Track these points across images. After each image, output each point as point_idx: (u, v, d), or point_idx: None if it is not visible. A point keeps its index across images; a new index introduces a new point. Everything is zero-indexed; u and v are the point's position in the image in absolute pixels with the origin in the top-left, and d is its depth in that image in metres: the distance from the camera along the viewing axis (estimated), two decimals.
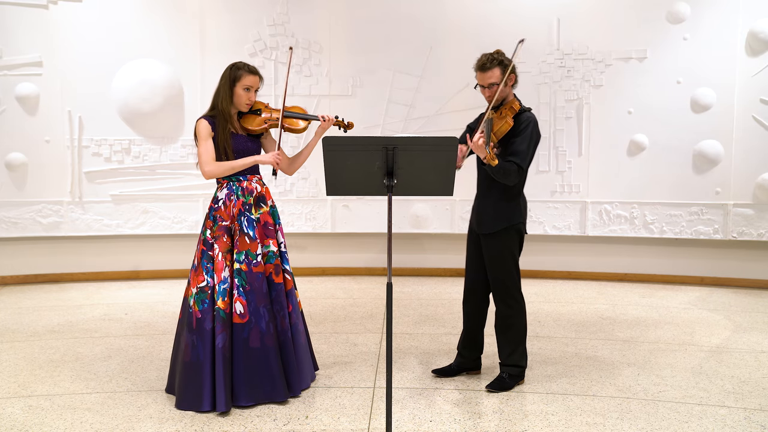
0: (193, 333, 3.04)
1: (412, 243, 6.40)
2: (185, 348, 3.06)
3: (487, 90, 3.19)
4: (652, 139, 5.93)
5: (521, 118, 3.19)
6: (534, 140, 3.21)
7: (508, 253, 3.27)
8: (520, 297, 3.33)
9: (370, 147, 2.51)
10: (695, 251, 6.04)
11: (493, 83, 3.16)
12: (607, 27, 5.95)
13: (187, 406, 3.02)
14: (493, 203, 3.26)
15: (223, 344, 3.00)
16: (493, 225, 3.26)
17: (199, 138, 3.11)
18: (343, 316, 4.83)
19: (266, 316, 3.08)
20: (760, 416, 2.99)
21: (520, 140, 3.15)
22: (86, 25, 5.90)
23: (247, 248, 3.10)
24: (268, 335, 3.07)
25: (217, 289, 3.04)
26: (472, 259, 3.44)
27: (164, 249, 6.18)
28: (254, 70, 3.17)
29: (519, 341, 3.33)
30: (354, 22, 6.17)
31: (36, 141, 5.87)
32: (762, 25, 5.62)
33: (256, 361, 3.04)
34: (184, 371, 3.05)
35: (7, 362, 3.73)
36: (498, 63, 3.15)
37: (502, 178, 3.13)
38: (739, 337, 4.28)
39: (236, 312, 3.04)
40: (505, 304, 3.31)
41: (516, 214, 3.26)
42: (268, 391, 3.06)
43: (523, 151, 3.14)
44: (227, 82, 3.14)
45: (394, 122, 6.19)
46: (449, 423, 2.91)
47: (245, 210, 3.14)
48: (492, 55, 3.18)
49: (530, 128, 3.18)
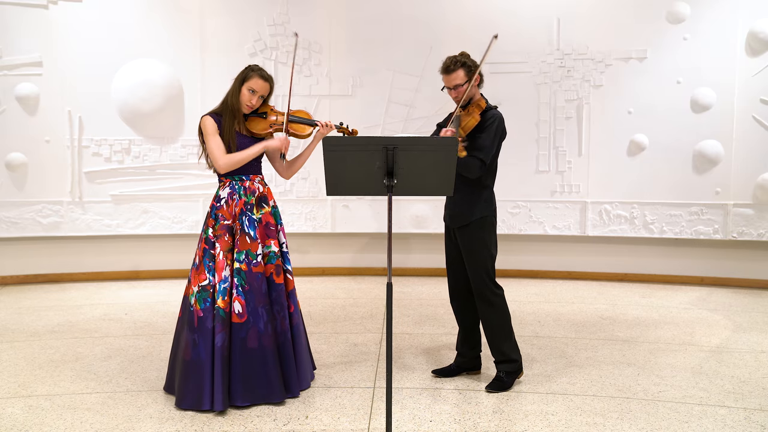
0: (195, 332, 3.04)
1: (412, 243, 6.40)
2: (186, 347, 3.06)
3: (453, 91, 3.29)
4: (652, 139, 5.93)
5: (487, 115, 3.28)
6: (498, 136, 3.29)
7: (483, 244, 3.32)
8: (499, 289, 3.36)
9: (370, 147, 2.51)
10: (695, 251, 6.04)
11: (457, 84, 3.25)
12: (607, 27, 5.95)
13: (188, 405, 3.02)
14: (467, 196, 3.33)
15: (222, 343, 3.00)
16: (467, 216, 3.32)
17: (207, 134, 3.12)
18: (343, 316, 4.83)
19: (265, 317, 3.08)
20: (760, 416, 2.99)
21: (485, 136, 3.24)
22: (86, 24, 5.90)
23: (248, 248, 3.10)
24: (266, 336, 3.07)
25: (218, 288, 3.05)
26: (451, 256, 3.50)
27: (164, 249, 6.18)
28: (266, 76, 3.18)
29: (506, 335, 3.35)
30: (354, 22, 6.17)
31: (36, 141, 5.87)
32: (762, 25, 5.62)
33: (254, 361, 3.04)
34: (184, 370, 3.05)
35: (7, 362, 3.73)
36: (462, 65, 3.24)
37: (463, 171, 3.21)
38: (739, 337, 4.28)
39: (234, 311, 3.04)
40: (484, 300, 3.34)
41: (488, 206, 3.34)
42: (265, 392, 3.06)
43: (487, 147, 3.23)
44: (239, 80, 3.18)
45: (394, 122, 6.19)
46: (449, 423, 2.91)
47: (246, 210, 3.15)
48: (456, 57, 3.28)
49: (495, 124, 3.26)
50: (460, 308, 3.52)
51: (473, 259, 3.32)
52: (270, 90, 3.22)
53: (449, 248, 3.50)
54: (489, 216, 3.34)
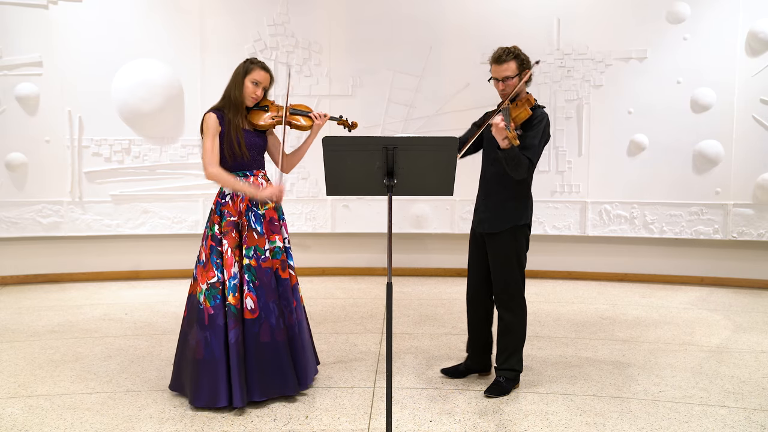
0: (206, 329, 3.02)
1: (412, 243, 6.40)
2: (197, 345, 3.04)
3: (501, 83, 3.15)
4: (652, 139, 5.93)
5: (536, 113, 3.15)
6: (545, 137, 3.17)
7: (514, 254, 3.21)
8: (523, 302, 3.28)
9: (370, 147, 2.51)
10: (695, 251, 6.04)
11: (507, 76, 3.12)
12: (607, 27, 5.95)
13: (203, 403, 3.01)
14: (502, 201, 3.20)
15: (236, 339, 3.00)
16: (500, 224, 3.20)
17: (206, 133, 3.11)
18: (343, 316, 4.83)
19: (275, 311, 3.09)
20: (760, 416, 2.99)
21: (533, 135, 3.10)
22: (86, 24, 5.90)
23: (256, 243, 3.11)
24: (278, 330, 3.08)
25: (228, 285, 3.05)
26: (475, 262, 3.38)
27: (164, 249, 6.18)
28: (266, 68, 3.20)
29: (517, 346, 3.29)
30: (354, 22, 6.17)
31: (36, 141, 5.87)
32: (762, 25, 5.62)
33: (268, 355, 3.05)
34: (197, 369, 3.03)
35: (7, 362, 3.73)
36: (514, 56, 3.12)
37: (513, 167, 3.05)
38: (739, 337, 4.28)
39: (247, 307, 3.04)
40: (507, 309, 3.26)
41: (524, 214, 3.21)
42: (280, 386, 3.07)
43: (534, 146, 3.09)
44: (240, 74, 3.17)
45: (394, 122, 6.19)
46: (449, 423, 2.91)
47: (252, 205, 3.15)
48: (509, 48, 3.15)
49: (543, 124, 3.13)
50: (476, 313, 3.42)
51: (502, 269, 3.21)
52: (271, 81, 3.23)
53: (474, 254, 3.37)
54: (523, 225, 3.20)
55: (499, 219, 3.21)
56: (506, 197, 3.20)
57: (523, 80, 3.13)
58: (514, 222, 3.19)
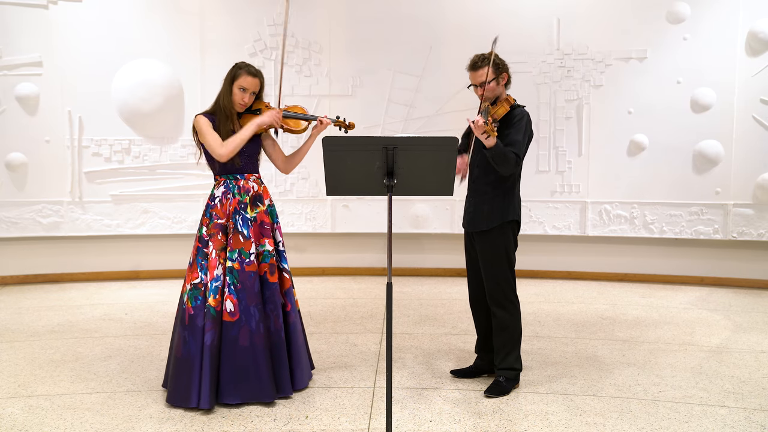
0: (186, 329, 3.05)
1: (412, 243, 6.40)
2: (178, 344, 3.08)
3: (480, 88, 3.24)
4: (652, 139, 5.93)
5: (515, 111, 3.24)
6: (528, 133, 3.24)
7: (503, 251, 3.25)
8: (515, 299, 3.31)
9: (370, 147, 2.51)
10: (695, 251, 6.04)
11: (483, 82, 3.20)
12: (607, 27, 5.95)
13: (176, 401, 3.04)
14: (489, 200, 3.25)
15: (211, 342, 3.01)
16: (487, 222, 3.25)
17: (202, 131, 3.10)
18: (343, 316, 4.83)
19: (257, 316, 3.08)
20: (760, 416, 2.99)
21: (515, 131, 3.19)
22: (86, 24, 5.90)
23: (241, 247, 3.10)
24: (257, 335, 3.06)
25: (209, 287, 3.05)
26: (472, 262, 3.42)
27: (164, 249, 6.18)
28: (254, 72, 3.15)
29: (514, 344, 3.30)
30: (354, 22, 6.17)
31: (36, 141, 5.87)
32: (762, 25, 5.62)
33: (245, 360, 3.04)
34: (176, 367, 3.07)
35: (7, 362, 3.73)
36: (489, 62, 3.19)
37: (500, 162, 3.11)
38: (739, 337, 4.28)
39: (226, 310, 3.04)
40: (499, 306, 3.28)
41: (511, 211, 3.26)
42: (255, 391, 3.05)
43: (518, 141, 3.17)
44: (228, 79, 3.16)
45: (394, 122, 6.19)
46: (449, 423, 2.91)
47: (240, 209, 3.14)
48: (483, 54, 3.23)
49: (524, 121, 3.22)
50: (480, 313, 3.45)
51: (492, 267, 3.26)
52: (261, 85, 3.19)
53: (470, 254, 3.42)
54: (511, 221, 3.25)
55: (486, 217, 3.26)
56: (493, 195, 3.26)
57: (500, 84, 3.22)
58: (501, 218, 3.24)
